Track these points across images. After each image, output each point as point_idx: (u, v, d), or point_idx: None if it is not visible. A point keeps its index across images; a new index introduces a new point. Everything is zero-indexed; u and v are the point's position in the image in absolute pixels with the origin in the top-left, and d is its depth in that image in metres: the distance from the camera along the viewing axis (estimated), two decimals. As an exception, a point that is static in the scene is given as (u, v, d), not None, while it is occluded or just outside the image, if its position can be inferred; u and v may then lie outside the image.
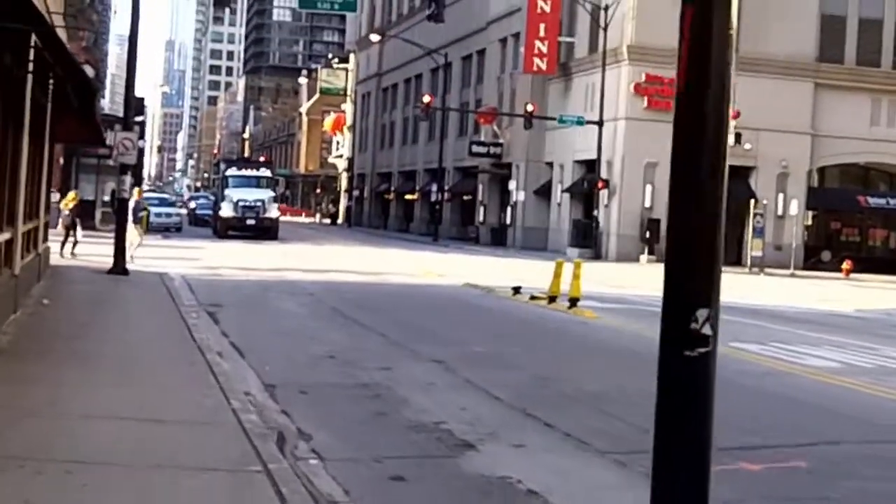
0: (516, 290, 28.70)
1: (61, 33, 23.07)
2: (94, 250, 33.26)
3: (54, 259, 30.51)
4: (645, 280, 40.13)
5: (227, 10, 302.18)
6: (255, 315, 22.13)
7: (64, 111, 22.74)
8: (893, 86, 59.82)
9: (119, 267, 27.81)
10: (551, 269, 26.55)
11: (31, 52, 16.83)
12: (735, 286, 42.03)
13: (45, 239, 27.40)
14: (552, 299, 26.42)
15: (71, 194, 36.28)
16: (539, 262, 51.76)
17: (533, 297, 27.53)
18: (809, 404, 14.59)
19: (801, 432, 12.57)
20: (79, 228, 34.93)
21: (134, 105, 30.54)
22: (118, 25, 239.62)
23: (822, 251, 60.51)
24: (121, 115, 31.99)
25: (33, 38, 16.16)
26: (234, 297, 25.75)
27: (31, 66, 17.33)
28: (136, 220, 36.08)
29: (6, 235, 17.78)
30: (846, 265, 54.14)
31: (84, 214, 51.48)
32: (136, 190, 39.42)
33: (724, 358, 17.59)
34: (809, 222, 60.51)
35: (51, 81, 20.02)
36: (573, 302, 25.33)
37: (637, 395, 12.04)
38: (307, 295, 27.34)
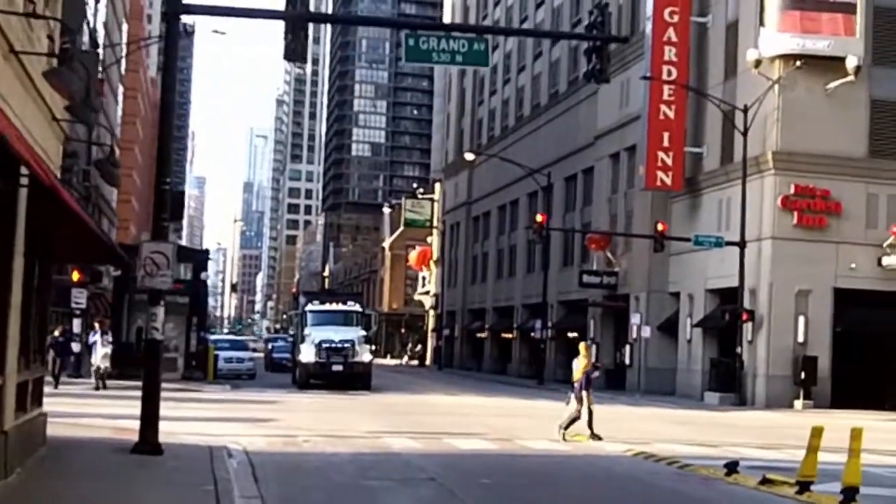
0: (731, 468, 19.28)
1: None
2: (131, 409, 23.62)
3: (69, 430, 21.79)
4: (841, 436, 30.12)
5: (306, 148, 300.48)
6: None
7: (49, 208, 14.56)
8: None
9: (149, 442, 19.07)
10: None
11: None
12: None
13: (30, 405, 17.76)
14: (804, 486, 17.03)
15: (582, 350, 27.19)
16: (685, 412, 42.87)
17: (767, 480, 18.04)
18: None
19: None
20: (572, 399, 26.31)
21: (170, 200, 20.44)
22: (196, 168, 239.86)
23: None
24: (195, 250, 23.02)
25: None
26: (318, 490, 17.15)
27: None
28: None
29: None
30: None
31: (131, 363, 42.85)
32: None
33: None
34: None
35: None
36: (850, 495, 15.91)
37: None
38: (427, 481, 18.60)
